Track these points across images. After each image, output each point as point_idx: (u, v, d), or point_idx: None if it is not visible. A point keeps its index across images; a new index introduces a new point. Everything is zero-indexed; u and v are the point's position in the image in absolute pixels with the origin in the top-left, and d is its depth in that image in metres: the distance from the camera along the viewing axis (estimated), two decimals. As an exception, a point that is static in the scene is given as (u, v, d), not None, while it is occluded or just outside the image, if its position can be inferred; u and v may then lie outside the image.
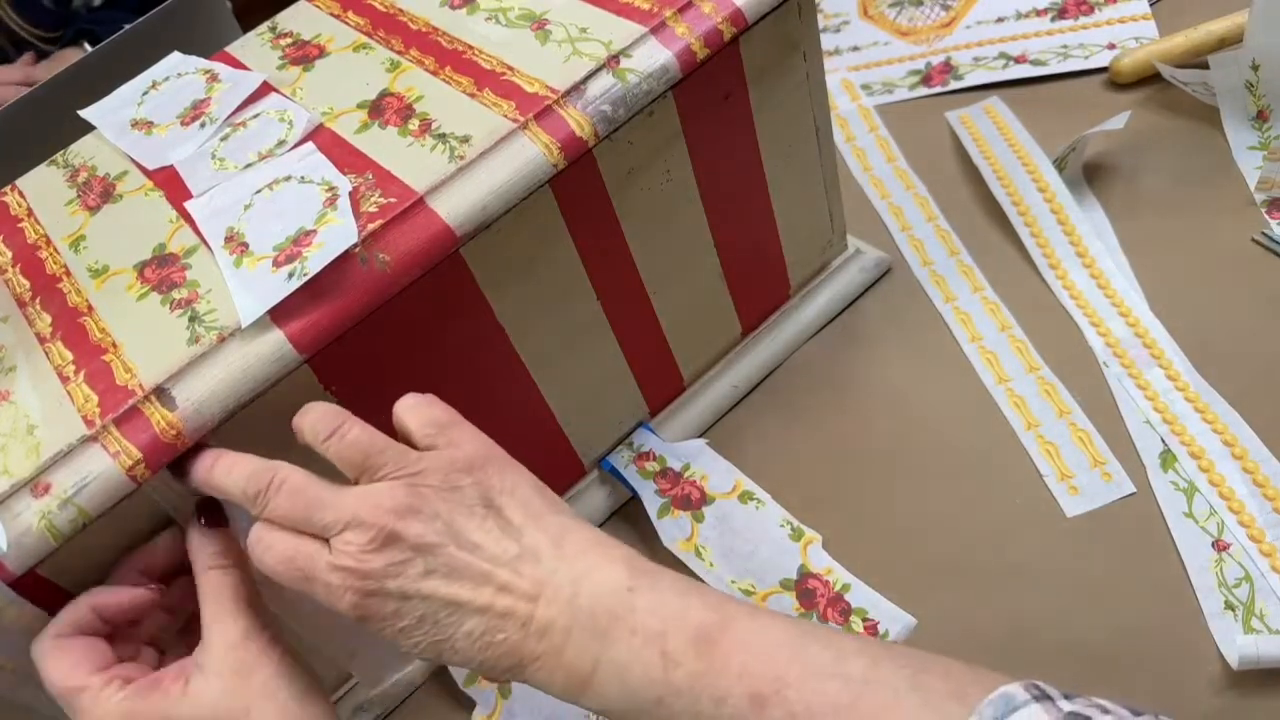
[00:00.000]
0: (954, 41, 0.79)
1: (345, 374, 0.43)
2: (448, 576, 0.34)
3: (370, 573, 0.34)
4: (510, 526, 0.36)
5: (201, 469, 0.38)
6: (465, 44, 0.48)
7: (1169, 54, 0.69)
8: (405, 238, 0.41)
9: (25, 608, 0.38)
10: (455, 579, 0.34)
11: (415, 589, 0.34)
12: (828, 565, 0.54)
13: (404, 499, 0.35)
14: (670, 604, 0.34)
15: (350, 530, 0.34)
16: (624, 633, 0.34)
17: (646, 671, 0.33)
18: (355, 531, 0.34)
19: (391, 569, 0.34)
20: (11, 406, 0.40)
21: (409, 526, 0.34)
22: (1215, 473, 0.51)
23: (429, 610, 0.34)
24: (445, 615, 0.34)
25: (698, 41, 0.45)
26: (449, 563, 0.34)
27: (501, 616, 0.34)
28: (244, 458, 0.38)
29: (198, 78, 0.52)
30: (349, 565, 0.34)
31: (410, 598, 0.34)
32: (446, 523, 0.35)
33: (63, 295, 0.44)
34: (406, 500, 0.35)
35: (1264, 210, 0.61)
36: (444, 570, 0.34)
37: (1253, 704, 0.44)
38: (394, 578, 0.34)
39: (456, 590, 0.34)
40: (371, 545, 0.34)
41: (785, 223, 0.59)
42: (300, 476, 0.36)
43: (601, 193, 0.48)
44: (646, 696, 0.33)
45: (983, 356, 0.60)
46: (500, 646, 0.34)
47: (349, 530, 0.34)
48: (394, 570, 0.34)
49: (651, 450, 0.59)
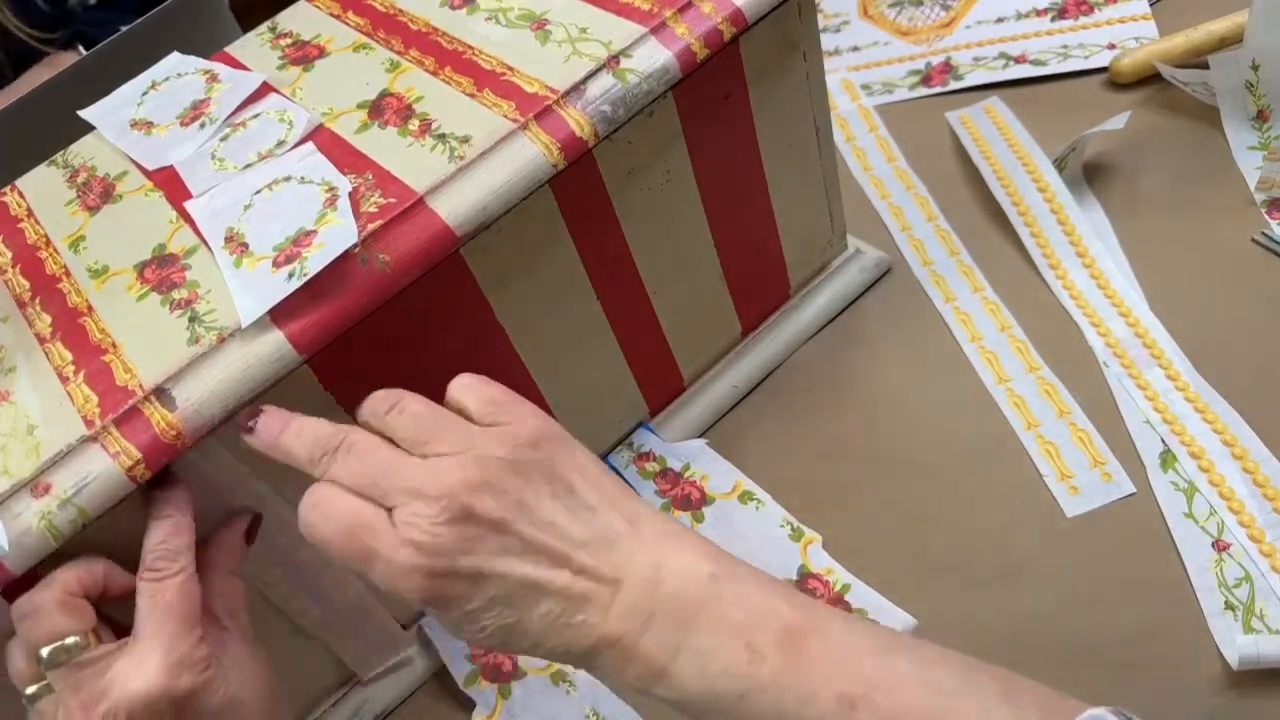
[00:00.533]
0: (954, 41, 0.79)
1: (345, 374, 0.43)
2: (523, 555, 0.32)
3: (441, 549, 0.32)
4: (584, 506, 0.34)
5: (270, 432, 0.37)
6: (465, 44, 0.48)
7: (1169, 54, 0.69)
8: (405, 238, 0.41)
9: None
10: (531, 557, 0.33)
11: (490, 567, 0.32)
12: (828, 565, 0.54)
13: (475, 473, 0.33)
14: (754, 597, 0.33)
15: (419, 501, 0.32)
16: (708, 621, 0.33)
17: (730, 663, 0.32)
18: (424, 503, 0.32)
19: (465, 544, 0.32)
20: (11, 406, 0.40)
21: (481, 501, 0.32)
22: (1215, 473, 0.51)
23: (502, 591, 0.32)
24: (519, 596, 0.33)
25: (698, 41, 0.45)
26: (524, 540, 0.33)
27: (581, 598, 0.33)
28: (315, 421, 0.36)
29: (197, 78, 0.52)
30: (418, 539, 0.32)
31: (485, 577, 0.32)
32: (518, 499, 0.33)
33: (63, 296, 0.44)
34: (478, 474, 0.33)
35: (1264, 210, 0.61)
36: (518, 549, 0.32)
37: (1253, 704, 0.44)
38: (467, 554, 0.32)
39: (532, 570, 0.32)
40: (442, 518, 0.32)
41: (785, 223, 0.59)
42: (371, 440, 0.35)
43: (601, 193, 0.48)
44: (728, 689, 0.32)
45: (983, 356, 0.60)
46: (577, 629, 0.33)
47: (417, 501, 0.32)
48: (467, 546, 0.32)
49: (651, 450, 0.59)
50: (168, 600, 0.36)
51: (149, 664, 0.35)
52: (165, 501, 0.39)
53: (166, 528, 0.38)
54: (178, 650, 0.36)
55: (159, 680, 0.35)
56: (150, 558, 0.37)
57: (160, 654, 0.35)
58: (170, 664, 0.35)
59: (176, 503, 0.39)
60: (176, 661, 0.35)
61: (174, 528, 0.38)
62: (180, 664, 0.35)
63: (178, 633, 0.36)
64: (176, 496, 0.39)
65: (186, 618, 0.36)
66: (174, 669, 0.35)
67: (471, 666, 0.54)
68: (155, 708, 0.35)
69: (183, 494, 0.39)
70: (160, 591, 0.37)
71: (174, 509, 0.39)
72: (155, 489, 0.39)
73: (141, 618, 0.37)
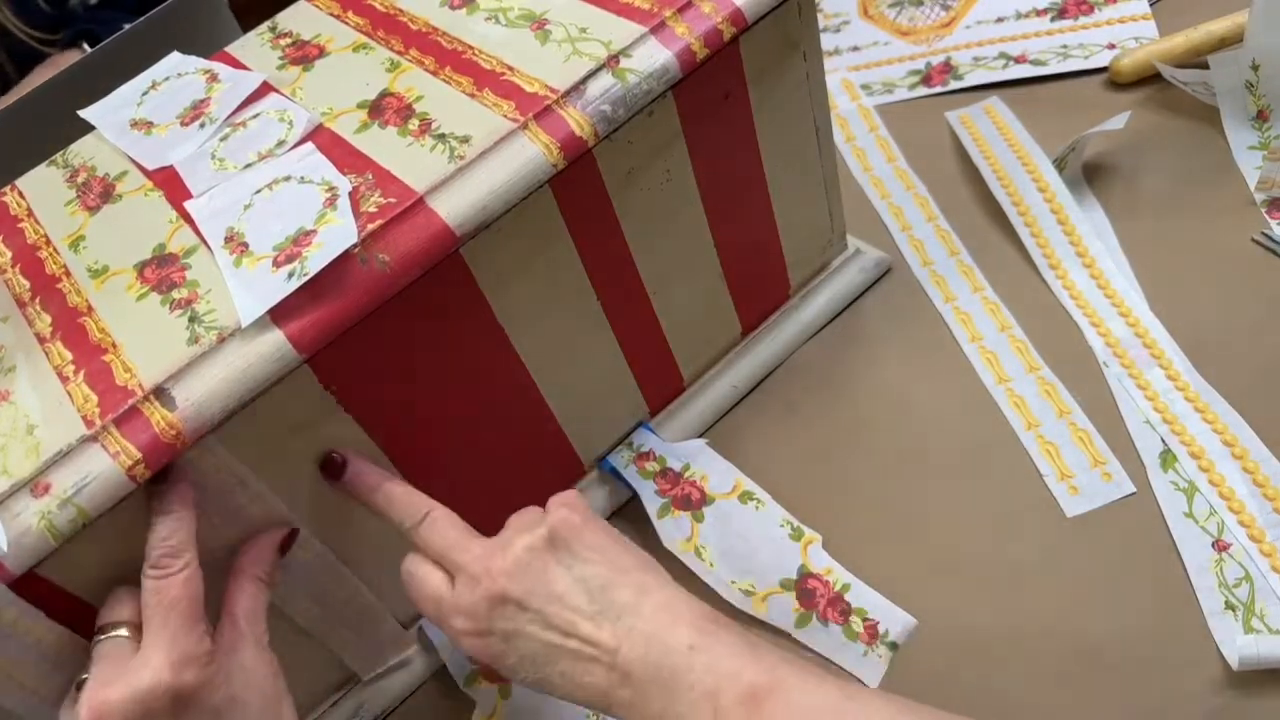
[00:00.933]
0: (954, 41, 0.79)
1: (345, 374, 0.43)
2: (543, 625, 0.40)
3: (480, 617, 0.41)
4: (592, 581, 0.41)
5: (364, 487, 0.45)
6: (465, 44, 0.48)
7: (1169, 54, 0.69)
8: (405, 238, 0.41)
9: (25, 608, 0.38)
10: (548, 626, 0.40)
11: (516, 629, 0.40)
12: (828, 565, 0.54)
13: (510, 560, 0.41)
14: (725, 663, 0.38)
15: (468, 578, 0.41)
16: (684, 688, 0.38)
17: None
18: (472, 581, 0.41)
19: (497, 615, 0.40)
20: (11, 406, 0.40)
21: (511, 583, 0.41)
22: (1215, 473, 0.51)
23: (529, 650, 0.40)
24: (543, 656, 0.40)
25: (698, 41, 0.45)
26: (543, 614, 0.40)
27: (590, 660, 0.39)
28: (401, 488, 0.44)
29: (198, 78, 0.52)
30: (465, 609, 0.41)
31: (514, 637, 0.40)
32: (539, 579, 0.41)
33: (62, 295, 0.44)
34: (512, 561, 0.41)
35: (1264, 210, 0.61)
36: (540, 620, 0.40)
37: (1253, 704, 0.44)
38: (499, 621, 0.40)
39: (550, 635, 0.40)
40: (481, 595, 0.41)
41: (785, 223, 0.59)
42: (447, 517, 0.43)
43: (601, 193, 0.48)
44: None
45: (983, 356, 0.60)
46: (590, 688, 0.39)
47: (468, 578, 0.41)
48: (498, 615, 0.40)
49: (651, 450, 0.59)
50: (172, 597, 0.38)
51: (154, 659, 0.37)
52: (168, 496, 0.39)
53: (170, 523, 0.39)
54: (181, 645, 0.37)
55: (163, 675, 0.36)
56: (155, 554, 0.38)
57: (164, 649, 0.37)
58: (174, 659, 0.37)
59: (179, 497, 0.39)
60: (180, 657, 0.37)
61: (177, 523, 0.39)
62: (184, 659, 0.37)
63: (181, 628, 0.37)
64: (179, 491, 0.39)
65: (190, 614, 0.38)
66: (177, 664, 0.37)
67: (472, 667, 0.54)
68: (157, 702, 0.36)
69: (185, 488, 0.39)
70: (165, 588, 0.38)
71: (177, 504, 0.39)
72: (158, 483, 0.39)
73: (147, 615, 0.38)
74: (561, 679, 0.40)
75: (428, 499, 0.44)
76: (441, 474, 0.49)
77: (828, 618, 0.52)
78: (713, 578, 0.54)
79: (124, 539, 0.39)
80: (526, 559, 0.41)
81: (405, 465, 0.48)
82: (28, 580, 0.37)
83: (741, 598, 0.53)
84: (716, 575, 0.54)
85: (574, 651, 0.40)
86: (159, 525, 0.39)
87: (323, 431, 0.44)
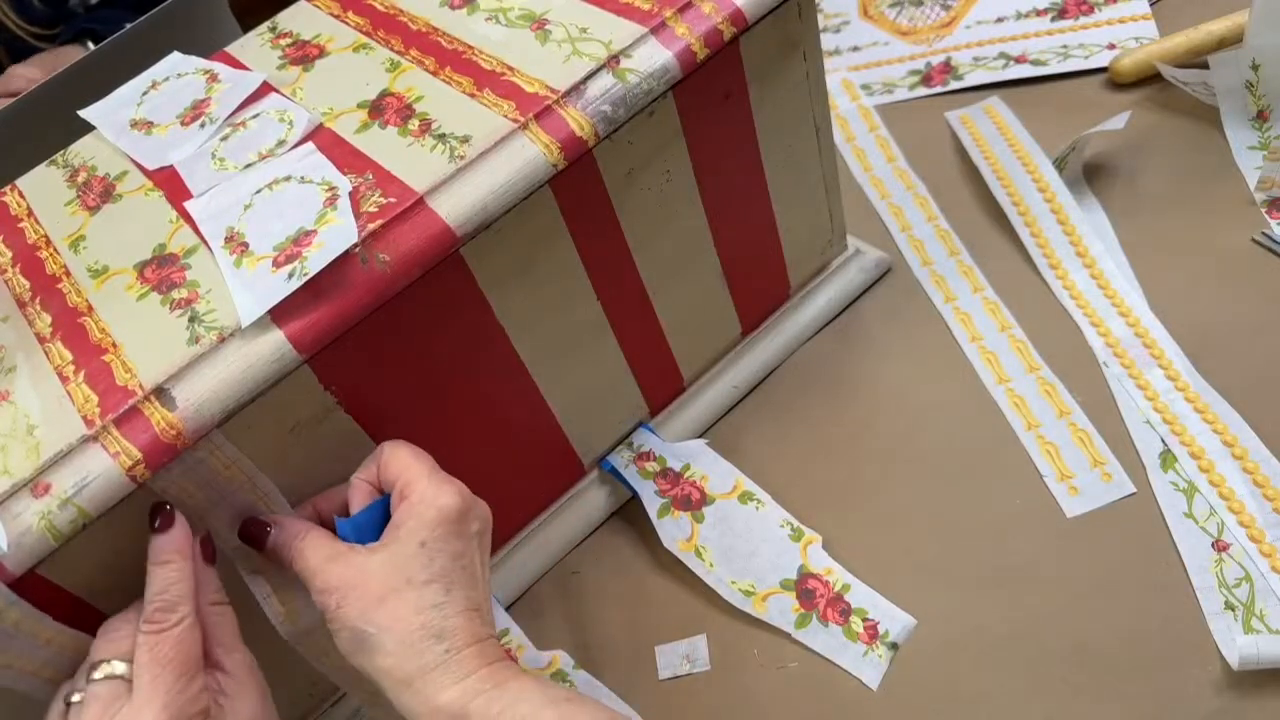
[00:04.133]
0: (954, 41, 0.79)
1: (345, 374, 0.43)
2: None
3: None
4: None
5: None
6: (465, 44, 0.48)
7: (1169, 54, 0.69)
8: (405, 238, 0.41)
9: (25, 608, 0.38)
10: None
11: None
12: (828, 565, 0.54)
13: None
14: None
15: None
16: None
17: None
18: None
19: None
20: (11, 406, 0.40)
21: None
22: (1215, 473, 0.51)
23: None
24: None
25: (698, 41, 0.45)
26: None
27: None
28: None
29: (198, 78, 0.52)
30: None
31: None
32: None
33: (63, 295, 0.44)
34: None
35: (1264, 210, 0.61)
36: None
37: (1253, 704, 0.44)
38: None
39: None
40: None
41: (785, 222, 0.59)
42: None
43: (601, 193, 0.48)
44: None
45: (983, 356, 0.60)
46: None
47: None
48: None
49: (651, 450, 0.59)
50: (165, 654, 0.37)
51: (151, 710, 0.36)
52: (163, 546, 0.39)
53: (166, 575, 0.38)
54: (175, 704, 0.37)
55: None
56: (150, 609, 0.38)
57: (157, 708, 0.36)
58: (166, 710, 0.36)
59: (176, 546, 0.39)
60: (172, 716, 0.36)
61: (175, 574, 0.38)
62: (172, 713, 0.36)
63: (174, 686, 0.37)
64: (175, 539, 0.39)
65: (184, 670, 0.37)
66: (166, 716, 0.36)
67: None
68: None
69: (182, 535, 0.39)
70: (158, 645, 0.37)
71: (172, 553, 0.39)
72: (155, 533, 0.39)
73: (139, 670, 0.37)
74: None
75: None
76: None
77: (828, 618, 0.52)
78: (713, 578, 0.54)
79: (124, 539, 0.39)
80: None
81: (405, 465, 0.48)
82: (28, 580, 0.37)
83: (741, 598, 0.53)
84: (716, 575, 0.54)
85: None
86: (154, 577, 0.38)
87: (323, 431, 0.44)
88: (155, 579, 0.38)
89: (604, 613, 0.56)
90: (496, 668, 0.40)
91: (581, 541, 0.59)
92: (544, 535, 0.58)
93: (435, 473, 0.42)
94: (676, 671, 0.53)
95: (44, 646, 0.39)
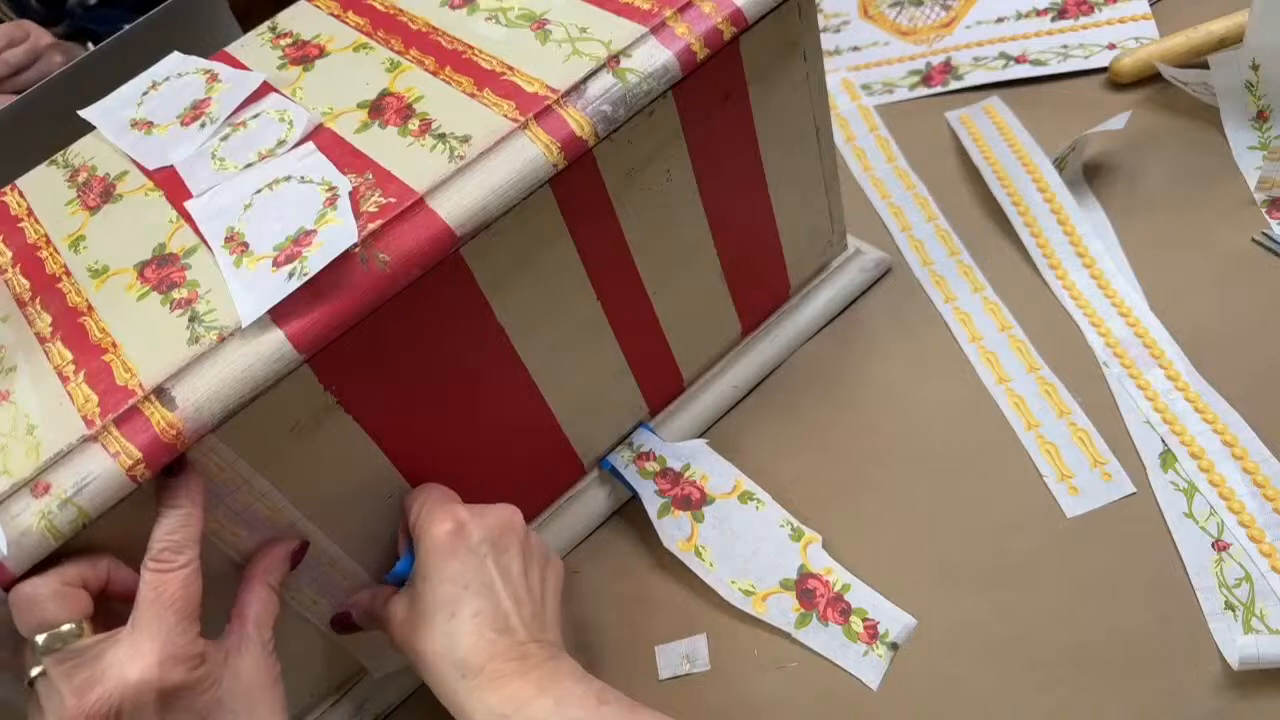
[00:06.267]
0: (954, 41, 0.79)
1: (345, 374, 0.43)
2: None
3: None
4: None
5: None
6: (465, 44, 0.48)
7: (1169, 54, 0.69)
8: (405, 238, 0.41)
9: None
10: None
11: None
12: (828, 565, 0.54)
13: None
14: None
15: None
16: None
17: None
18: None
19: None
20: (11, 406, 0.40)
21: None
22: (1215, 473, 0.51)
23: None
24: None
25: (698, 41, 0.45)
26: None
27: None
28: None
29: (198, 78, 0.52)
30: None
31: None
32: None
33: (63, 295, 0.44)
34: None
35: (1264, 210, 0.61)
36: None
37: (1253, 704, 0.44)
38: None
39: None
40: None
41: (785, 223, 0.59)
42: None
43: (601, 193, 0.48)
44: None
45: (983, 356, 0.60)
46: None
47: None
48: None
49: (651, 450, 0.59)
50: (171, 593, 0.37)
51: (144, 654, 0.36)
52: (177, 491, 0.39)
53: (177, 518, 0.38)
54: (174, 644, 0.37)
55: (152, 672, 0.36)
56: (157, 548, 0.38)
57: (157, 645, 0.37)
58: (164, 657, 0.36)
59: (189, 493, 0.39)
60: (170, 655, 0.37)
61: (184, 519, 0.39)
62: (174, 658, 0.37)
63: (176, 627, 0.37)
64: (189, 486, 0.39)
65: (186, 612, 0.38)
66: (167, 662, 0.37)
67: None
68: (144, 698, 0.36)
69: (196, 484, 0.39)
70: (164, 584, 0.37)
71: (186, 499, 0.39)
72: (169, 476, 0.39)
73: (142, 606, 0.37)
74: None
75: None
76: (441, 474, 0.49)
77: (828, 618, 0.52)
78: (713, 578, 0.54)
79: (124, 539, 0.39)
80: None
81: (405, 465, 0.48)
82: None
83: (741, 598, 0.53)
84: (716, 575, 0.54)
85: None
86: (165, 519, 0.38)
87: (323, 431, 0.44)
88: (165, 520, 0.38)
89: (604, 613, 0.56)
90: (517, 687, 0.41)
91: (581, 541, 0.59)
92: (544, 535, 0.58)
93: (434, 507, 0.45)
94: (676, 671, 0.53)
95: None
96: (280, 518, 0.44)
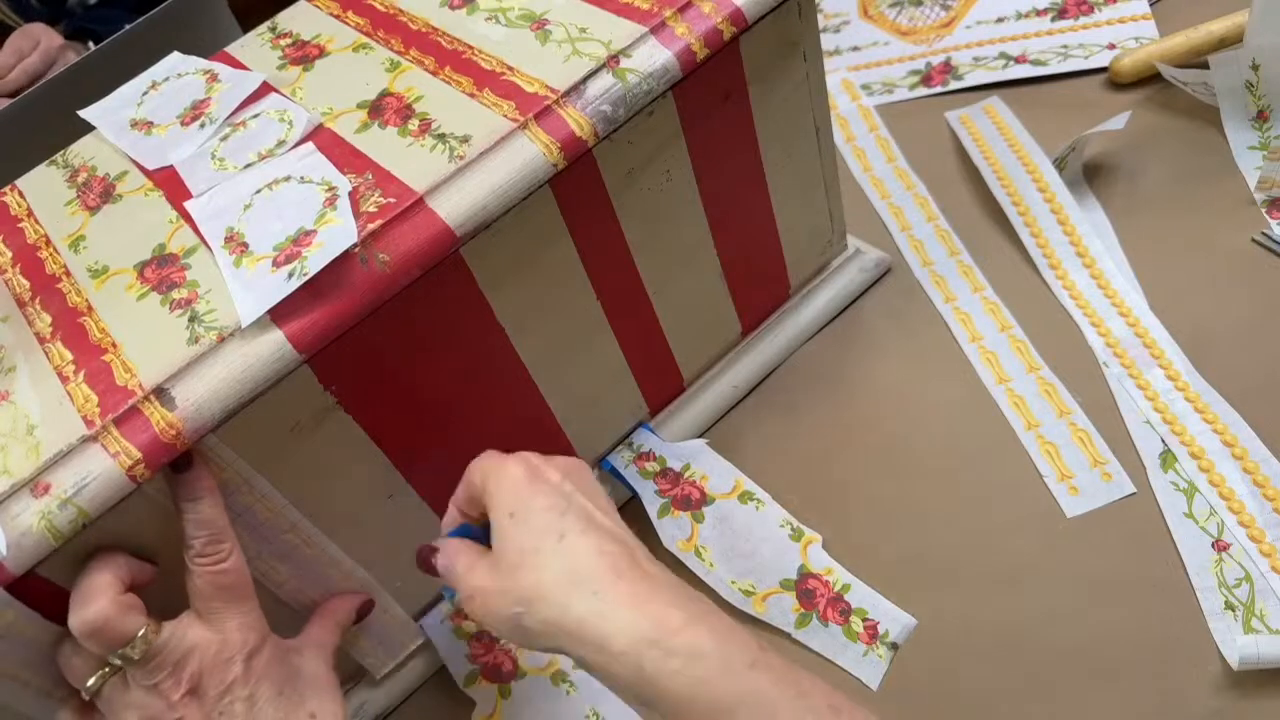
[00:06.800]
0: (954, 41, 0.79)
1: (345, 374, 0.43)
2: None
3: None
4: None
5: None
6: (465, 44, 0.48)
7: (1169, 54, 0.69)
8: (405, 238, 0.41)
9: (23, 610, 0.38)
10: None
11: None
12: (828, 565, 0.54)
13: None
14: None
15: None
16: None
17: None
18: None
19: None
20: (11, 406, 0.40)
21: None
22: (1215, 473, 0.51)
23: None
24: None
25: (698, 41, 0.45)
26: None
27: None
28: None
29: (198, 78, 0.52)
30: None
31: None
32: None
33: (62, 295, 0.44)
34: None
35: (1264, 210, 0.61)
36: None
37: (1253, 704, 0.44)
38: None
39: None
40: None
41: (785, 223, 0.59)
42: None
43: (601, 193, 0.48)
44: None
45: (983, 356, 0.60)
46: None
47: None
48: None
49: (651, 450, 0.59)
50: (229, 582, 0.41)
51: (228, 627, 0.40)
52: (193, 483, 0.40)
53: (204, 509, 0.40)
54: (246, 615, 0.41)
55: (236, 638, 0.41)
56: (199, 543, 0.40)
57: (235, 620, 0.41)
58: (241, 624, 0.41)
59: (205, 483, 0.40)
60: (244, 623, 0.41)
61: (211, 509, 0.40)
62: (247, 625, 0.41)
63: (245, 607, 0.41)
64: (203, 476, 0.40)
65: (244, 590, 0.41)
66: (244, 628, 0.41)
67: (471, 667, 0.54)
68: (233, 662, 0.40)
69: (207, 472, 0.40)
70: (220, 576, 0.40)
71: (204, 489, 0.40)
72: (178, 472, 0.40)
73: (207, 596, 0.40)
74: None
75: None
76: (441, 474, 0.49)
77: (828, 618, 0.52)
78: (713, 578, 0.54)
79: (124, 539, 0.39)
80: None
81: (404, 465, 0.48)
82: (28, 581, 0.37)
83: (741, 598, 0.53)
84: (717, 575, 0.54)
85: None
86: (194, 512, 0.40)
87: (323, 431, 0.44)
88: (195, 514, 0.40)
89: (604, 613, 0.56)
90: (659, 610, 0.37)
91: (581, 541, 0.59)
92: (544, 535, 0.58)
93: (498, 460, 0.43)
94: (676, 671, 0.53)
95: (39, 645, 0.39)
96: (280, 518, 0.44)
